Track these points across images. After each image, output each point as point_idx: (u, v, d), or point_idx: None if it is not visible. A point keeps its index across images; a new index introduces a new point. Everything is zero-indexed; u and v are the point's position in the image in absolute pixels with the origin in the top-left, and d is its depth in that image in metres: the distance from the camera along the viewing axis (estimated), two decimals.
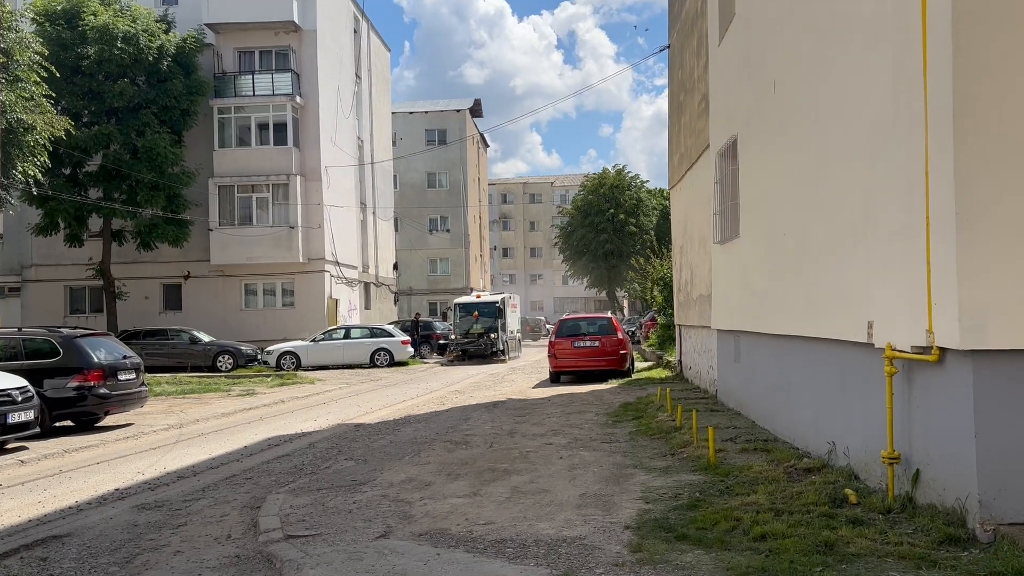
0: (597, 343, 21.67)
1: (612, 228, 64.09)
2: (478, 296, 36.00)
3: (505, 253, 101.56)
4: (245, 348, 31.08)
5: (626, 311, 78.70)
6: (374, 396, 20.61)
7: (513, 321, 37.10)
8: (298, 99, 34.96)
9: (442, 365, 32.85)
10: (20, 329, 16.17)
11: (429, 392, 21.14)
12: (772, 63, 10.54)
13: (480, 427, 13.34)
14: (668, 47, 22.13)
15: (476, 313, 33.84)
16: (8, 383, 13.05)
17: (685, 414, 12.22)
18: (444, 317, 47.22)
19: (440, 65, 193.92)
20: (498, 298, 34.84)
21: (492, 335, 33.50)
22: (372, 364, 31.73)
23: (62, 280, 35.51)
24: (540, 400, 17.28)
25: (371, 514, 7.60)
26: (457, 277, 62.85)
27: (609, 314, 24.39)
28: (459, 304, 34.94)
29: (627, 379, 21.25)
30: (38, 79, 21.67)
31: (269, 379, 26.79)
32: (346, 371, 30.32)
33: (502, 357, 33.93)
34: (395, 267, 48.38)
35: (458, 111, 63.49)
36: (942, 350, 6.19)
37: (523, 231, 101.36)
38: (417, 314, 42.64)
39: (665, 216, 59.37)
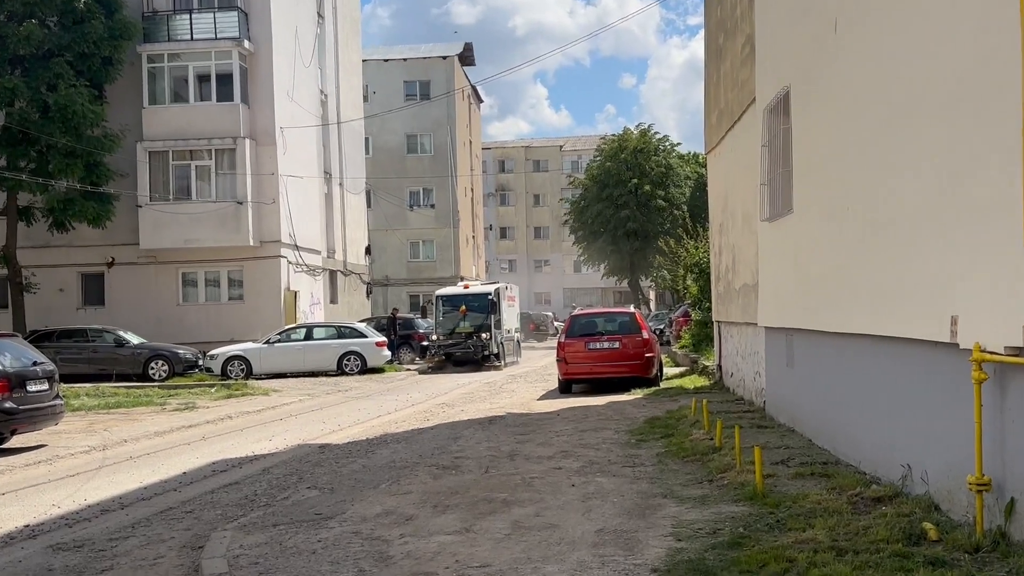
0: (617, 344, 22.14)
1: (635, 202, 64.18)
2: (466, 286, 36.42)
3: (503, 234, 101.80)
4: (183, 352, 31.35)
5: (653, 305, 78.98)
6: (343, 410, 20.84)
7: (511, 317, 37.49)
8: (246, 44, 34.96)
9: (422, 372, 33.16)
10: None
11: (411, 405, 21.35)
12: None
13: (473, 448, 13.48)
14: None
15: (463, 307, 34.27)
16: None
17: (726, 431, 12.33)
18: (424, 313, 47.44)
19: (421, 1, 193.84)
20: (491, 288, 35.27)
21: (483, 335, 33.98)
22: (340, 371, 31.98)
23: None
24: (547, 415, 17.54)
25: (339, 555, 7.65)
26: (444, 264, 63.09)
27: (632, 308, 24.71)
28: (442, 296, 35.35)
29: (654, 388, 21.58)
30: None
31: (213, 390, 27.08)
32: (308, 379, 30.62)
33: (496, 362, 34.29)
34: (367, 251, 48.56)
35: (444, 58, 63.56)
36: None
37: (526, 206, 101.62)
38: (395, 309, 42.82)
39: (701, 187, 59.33)
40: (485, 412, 18.72)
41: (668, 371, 26.36)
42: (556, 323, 66.40)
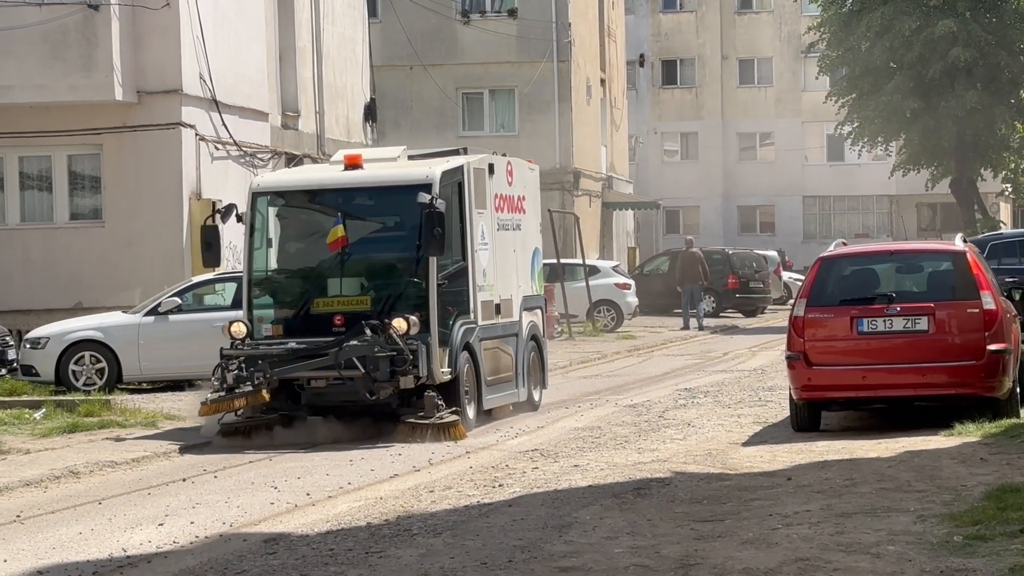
0: (923, 324, 15.10)
1: (969, 2, 37.68)
2: (351, 161, 15.77)
3: (671, 74, 58.77)
4: None
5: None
6: (317, 462, 14.43)
7: (508, 263, 16.67)
8: None
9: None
10: None
11: (464, 453, 14.22)
12: None
13: (601, 550, 8.79)
14: None
15: (339, 231, 14.92)
16: None
17: None
18: (208, 246, 16.86)
19: None
20: (432, 172, 13.56)
21: (400, 324, 13.25)
22: None
23: None
24: (764, 477, 12.36)
25: None
26: (537, 139, 36.21)
27: (957, 243, 16.00)
28: (271, 195, 15.88)
29: (1007, 422, 14.43)
30: None
31: (37, 415, 17.97)
32: None
33: (440, 410, 14.61)
34: (370, 114, 32.05)
35: None
36: None
37: (720, 12, 58.04)
38: None
39: None
40: (625, 470, 12.72)
41: None
42: (788, 273, 41.63)
